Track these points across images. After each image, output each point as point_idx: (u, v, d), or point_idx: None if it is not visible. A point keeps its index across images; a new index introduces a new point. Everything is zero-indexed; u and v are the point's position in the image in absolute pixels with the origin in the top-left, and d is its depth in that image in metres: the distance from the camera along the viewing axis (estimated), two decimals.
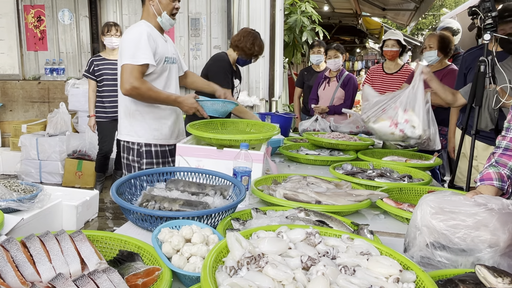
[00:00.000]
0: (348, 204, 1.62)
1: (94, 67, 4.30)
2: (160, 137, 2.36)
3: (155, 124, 2.33)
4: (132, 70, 2.12)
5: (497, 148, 1.50)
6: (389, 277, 0.92)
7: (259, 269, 0.90)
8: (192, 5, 5.58)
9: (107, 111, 4.34)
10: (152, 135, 2.34)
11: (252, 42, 3.03)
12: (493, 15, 2.35)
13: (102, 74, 4.28)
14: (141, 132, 2.32)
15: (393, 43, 3.74)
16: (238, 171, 1.71)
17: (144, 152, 2.34)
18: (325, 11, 9.75)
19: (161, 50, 2.26)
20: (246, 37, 3.04)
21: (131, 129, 2.33)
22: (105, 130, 4.41)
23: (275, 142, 2.72)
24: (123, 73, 2.14)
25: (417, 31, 23.81)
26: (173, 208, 1.43)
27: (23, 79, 6.05)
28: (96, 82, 4.32)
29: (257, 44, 3.04)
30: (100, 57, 4.37)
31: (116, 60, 4.29)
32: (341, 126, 3.32)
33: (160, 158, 2.39)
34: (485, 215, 1.12)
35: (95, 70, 4.29)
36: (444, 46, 3.23)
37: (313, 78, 4.54)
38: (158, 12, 2.29)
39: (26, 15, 5.96)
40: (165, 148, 2.40)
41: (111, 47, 4.31)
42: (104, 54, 4.41)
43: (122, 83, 2.15)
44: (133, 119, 2.32)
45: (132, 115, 2.31)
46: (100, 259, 1.07)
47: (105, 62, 4.31)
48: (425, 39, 3.41)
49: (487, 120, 2.51)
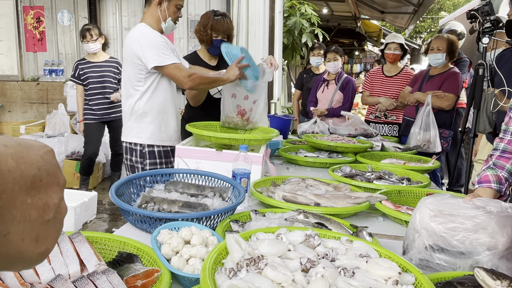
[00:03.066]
0: (347, 207, 1.62)
1: (79, 71, 4.26)
2: (165, 138, 2.38)
3: (162, 126, 2.35)
4: (178, 67, 2.20)
5: (495, 150, 1.51)
6: (388, 279, 0.93)
7: (258, 271, 0.90)
8: (192, 7, 5.59)
9: (94, 113, 4.29)
10: (158, 136, 2.36)
11: (204, 24, 2.62)
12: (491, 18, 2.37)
13: (87, 77, 4.25)
14: (147, 134, 2.33)
15: (395, 47, 3.76)
16: (237, 173, 1.71)
17: (147, 153, 2.35)
18: (324, 14, 9.77)
19: None
20: (199, 22, 2.68)
21: (138, 131, 2.34)
22: (91, 132, 4.35)
23: (274, 144, 2.73)
24: (173, 73, 2.22)
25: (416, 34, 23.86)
26: (172, 210, 1.43)
27: (22, 80, 6.04)
28: (83, 86, 4.28)
29: (209, 26, 2.60)
30: (84, 61, 4.33)
31: (100, 62, 4.30)
32: (340, 128, 3.32)
33: (163, 158, 2.41)
34: (484, 218, 1.12)
35: (81, 74, 4.25)
36: (453, 50, 3.24)
37: (312, 80, 4.55)
38: (164, 18, 2.31)
39: (26, 16, 5.96)
40: (167, 149, 2.41)
41: (91, 52, 4.27)
42: (88, 57, 4.36)
43: (180, 81, 2.23)
44: (139, 121, 2.33)
45: (139, 117, 2.32)
46: (99, 260, 1.07)
47: (90, 65, 4.27)
48: (431, 41, 3.40)
49: (485, 123, 2.52)
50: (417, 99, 3.30)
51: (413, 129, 3.12)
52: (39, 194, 0.39)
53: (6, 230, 0.36)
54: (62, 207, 0.42)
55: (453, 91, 3.19)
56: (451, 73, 3.26)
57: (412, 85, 3.51)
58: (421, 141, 3.04)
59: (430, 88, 3.26)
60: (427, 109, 3.07)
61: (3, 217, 0.35)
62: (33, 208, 0.38)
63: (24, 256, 0.39)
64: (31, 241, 0.38)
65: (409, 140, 3.16)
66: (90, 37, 4.18)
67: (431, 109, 3.06)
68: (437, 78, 3.29)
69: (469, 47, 4.75)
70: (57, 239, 0.42)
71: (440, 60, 3.24)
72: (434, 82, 3.29)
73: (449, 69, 3.30)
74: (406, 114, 3.51)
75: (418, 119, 3.10)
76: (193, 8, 5.59)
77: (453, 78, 3.22)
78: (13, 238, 0.37)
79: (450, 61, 3.32)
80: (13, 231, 0.37)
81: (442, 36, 3.36)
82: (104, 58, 4.34)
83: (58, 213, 0.42)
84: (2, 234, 0.36)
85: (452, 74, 3.26)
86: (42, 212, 0.39)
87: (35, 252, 0.39)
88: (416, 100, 3.31)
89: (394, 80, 3.83)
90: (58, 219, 0.42)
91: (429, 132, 3.02)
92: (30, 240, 0.38)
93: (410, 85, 3.55)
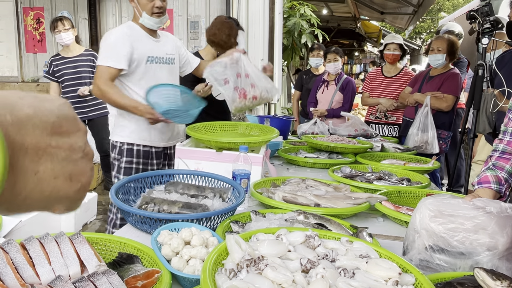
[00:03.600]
0: (347, 207, 1.62)
1: (54, 68, 4.01)
2: (147, 138, 2.36)
3: (142, 125, 2.32)
4: (102, 72, 2.18)
5: (495, 151, 1.51)
6: (388, 280, 0.93)
7: (258, 271, 0.90)
8: (191, 8, 5.59)
9: None
10: (139, 135, 2.34)
11: (228, 33, 2.74)
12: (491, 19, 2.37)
13: (62, 74, 4.00)
14: (127, 132, 2.34)
15: (395, 47, 3.76)
16: (237, 173, 1.71)
17: (125, 150, 2.35)
18: (324, 15, 9.78)
19: (141, 51, 2.26)
20: (221, 29, 2.77)
21: (120, 129, 2.35)
22: None
23: (274, 145, 2.73)
24: (95, 74, 2.23)
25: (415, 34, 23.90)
26: (172, 211, 1.43)
27: (22, 81, 6.04)
28: (59, 83, 4.05)
29: (233, 35, 2.73)
30: (59, 56, 4.07)
31: (75, 57, 4.00)
32: (340, 129, 3.32)
33: (142, 158, 2.38)
34: (484, 218, 1.12)
35: (55, 71, 4.01)
36: (453, 51, 3.24)
37: (312, 81, 4.55)
38: (139, 13, 2.30)
39: (25, 17, 5.96)
40: (149, 149, 2.39)
41: (64, 43, 3.99)
42: (62, 52, 4.09)
43: (93, 83, 2.25)
44: (122, 118, 2.35)
45: (121, 115, 2.34)
46: (100, 261, 1.07)
47: (64, 61, 4.02)
48: (432, 41, 3.40)
49: (485, 123, 2.52)
50: (416, 100, 3.30)
51: (411, 130, 3.13)
52: (63, 139, 0.41)
53: (36, 169, 0.39)
54: (88, 149, 0.44)
55: (452, 92, 3.19)
56: (450, 74, 3.26)
57: (412, 85, 3.52)
58: (419, 142, 3.05)
59: (430, 89, 3.26)
60: (425, 110, 3.08)
61: (30, 157, 0.39)
62: (59, 149, 0.41)
63: (60, 194, 0.42)
64: (64, 179, 0.42)
65: (407, 141, 3.17)
66: (62, 26, 3.89)
67: (430, 110, 3.07)
68: (437, 79, 3.29)
69: (468, 48, 4.75)
70: (91, 178, 0.45)
71: (440, 61, 3.24)
72: (434, 83, 3.29)
73: (449, 70, 3.30)
74: (406, 115, 3.52)
75: (417, 120, 3.10)
76: (192, 9, 5.59)
77: (453, 79, 3.22)
78: (44, 176, 0.40)
79: (450, 62, 3.32)
80: (43, 170, 0.40)
81: (442, 37, 3.36)
82: (78, 52, 4.07)
83: (86, 154, 0.44)
84: (33, 173, 0.39)
85: (452, 75, 3.25)
86: (69, 153, 0.42)
87: (71, 190, 0.42)
88: (415, 101, 3.32)
89: (394, 81, 3.83)
90: (87, 158, 0.44)
91: (427, 133, 3.03)
92: (63, 178, 0.41)
93: (410, 86, 3.55)
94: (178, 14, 5.59)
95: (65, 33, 3.91)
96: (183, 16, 5.59)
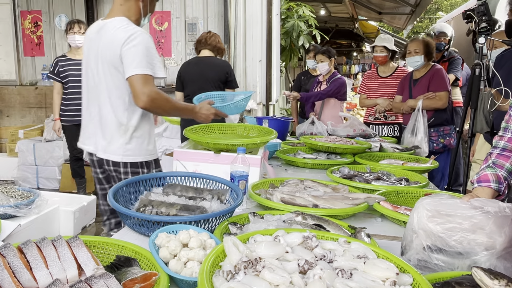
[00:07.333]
0: (345, 208, 1.62)
1: (59, 68, 4.02)
2: (153, 151, 2.13)
3: (150, 139, 2.10)
4: (148, 81, 1.88)
5: (494, 149, 1.48)
6: (386, 280, 0.93)
7: (256, 273, 0.90)
8: (189, 10, 5.60)
9: (73, 115, 4.00)
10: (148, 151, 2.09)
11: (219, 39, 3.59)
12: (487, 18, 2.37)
13: (67, 75, 4.01)
14: (137, 151, 2.03)
15: (381, 49, 3.82)
16: (235, 175, 1.71)
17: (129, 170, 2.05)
18: (322, 15, 9.80)
19: None
20: (217, 37, 3.58)
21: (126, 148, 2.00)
22: (72, 134, 3.96)
23: (272, 146, 2.73)
24: (135, 84, 1.87)
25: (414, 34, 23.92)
26: (170, 213, 1.42)
27: (20, 85, 6.04)
28: (62, 84, 4.06)
29: None
30: (65, 57, 4.10)
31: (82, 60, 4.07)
32: (338, 129, 3.33)
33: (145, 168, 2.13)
34: (482, 218, 1.12)
35: (60, 71, 4.02)
36: (429, 51, 3.28)
37: (310, 82, 4.57)
38: (145, 13, 2.10)
39: (23, 21, 5.96)
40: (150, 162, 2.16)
41: (75, 45, 4.03)
42: (69, 54, 4.13)
43: (137, 95, 1.87)
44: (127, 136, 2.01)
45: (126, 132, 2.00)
46: (97, 264, 1.07)
47: (70, 63, 4.03)
48: (407, 44, 3.46)
49: (482, 122, 2.52)
50: (410, 106, 3.30)
51: (405, 133, 3.22)
52: None
53: None
54: None
55: (442, 89, 3.20)
56: (434, 72, 3.27)
57: (400, 93, 3.52)
58: (411, 145, 3.09)
59: (420, 92, 3.28)
60: (418, 114, 3.13)
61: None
62: None
63: None
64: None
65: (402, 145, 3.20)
66: (78, 29, 3.98)
67: (422, 113, 3.11)
68: (423, 80, 3.30)
69: (465, 48, 4.77)
70: None
71: (419, 63, 3.28)
72: (422, 85, 3.30)
73: (431, 68, 3.31)
74: (404, 123, 3.50)
75: (410, 125, 3.18)
76: (190, 11, 5.59)
77: (438, 75, 3.24)
78: None
79: (429, 61, 3.34)
80: None
81: (417, 38, 3.43)
82: None
83: None
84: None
85: (436, 72, 3.27)
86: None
87: None
88: (410, 108, 3.32)
89: (389, 80, 3.86)
90: None
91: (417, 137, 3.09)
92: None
93: (398, 94, 3.56)
94: (176, 16, 5.60)
95: (80, 35, 4.00)
96: (181, 18, 5.59)
